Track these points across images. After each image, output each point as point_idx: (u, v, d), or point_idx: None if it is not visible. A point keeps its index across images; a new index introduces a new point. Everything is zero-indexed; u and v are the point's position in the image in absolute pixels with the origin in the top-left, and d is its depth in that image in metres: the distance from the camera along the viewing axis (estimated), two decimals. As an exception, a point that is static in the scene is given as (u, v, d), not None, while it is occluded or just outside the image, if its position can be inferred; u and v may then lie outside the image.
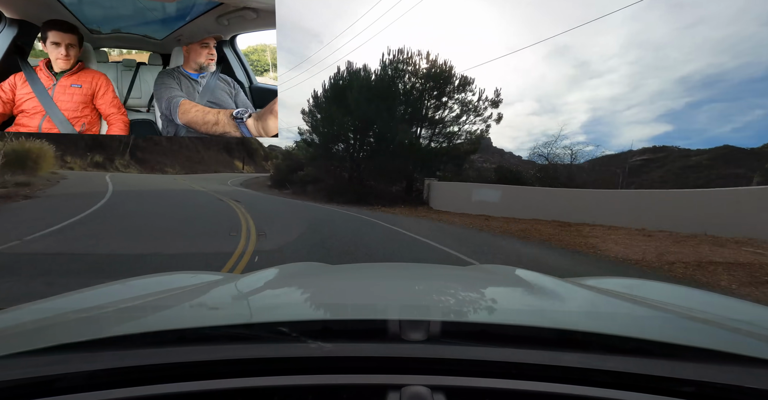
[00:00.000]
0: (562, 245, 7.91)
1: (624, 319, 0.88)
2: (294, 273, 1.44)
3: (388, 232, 8.54)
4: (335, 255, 5.50)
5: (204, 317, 0.84)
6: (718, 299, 1.23)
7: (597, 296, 1.13)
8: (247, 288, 1.16)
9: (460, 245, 7.38)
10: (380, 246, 6.60)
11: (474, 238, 8.61)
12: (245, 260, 4.90)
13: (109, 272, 4.03)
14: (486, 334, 0.67)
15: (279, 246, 6.06)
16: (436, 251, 6.53)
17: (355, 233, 7.97)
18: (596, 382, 0.57)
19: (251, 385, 0.55)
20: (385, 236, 7.85)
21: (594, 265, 6.19)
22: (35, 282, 3.61)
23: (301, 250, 5.72)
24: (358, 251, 5.94)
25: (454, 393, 0.55)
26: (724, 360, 0.60)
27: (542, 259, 6.41)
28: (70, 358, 0.58)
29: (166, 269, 3.49)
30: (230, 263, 4.76)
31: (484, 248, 7.19)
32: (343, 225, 9.27)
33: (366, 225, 9.58)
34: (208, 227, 7.98)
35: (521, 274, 1.67)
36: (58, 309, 0.98)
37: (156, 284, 1.33)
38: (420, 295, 1.14)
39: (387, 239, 7.44)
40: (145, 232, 6.70)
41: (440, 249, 6.72)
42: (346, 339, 0.63)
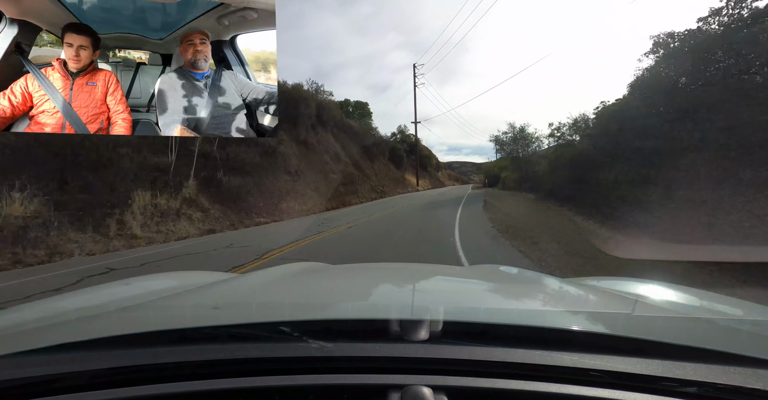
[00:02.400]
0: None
1: (624, 319, 0.88)
2: (294, 273, 1.44)
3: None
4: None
5: (204, 316, 0.84)
6: (718, 299, 1.23)
7: (597, 296, 1.13)
8: (247, 288, 1.16)
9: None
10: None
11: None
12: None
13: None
14: (487, 334, 0.67)
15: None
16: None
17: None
18: (596, 382, 0.57)
19: (252, 385, 0.55)
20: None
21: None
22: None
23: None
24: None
25: (455, 393, 0.55)
26: (724, 360, 0.60)
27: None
28: (71, 358, 0.58)
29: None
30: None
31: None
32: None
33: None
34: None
35: (522, 274, 1.67)
36: (59, 309, 0.98)
37: (156, 283, 1.33)
38: (421, 295, 1.14)
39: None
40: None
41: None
42: (347, 339, 0.63)
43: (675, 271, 4.81)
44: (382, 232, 8.61)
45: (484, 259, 5.58)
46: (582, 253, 6.08)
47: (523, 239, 7.21)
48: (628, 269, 4.99)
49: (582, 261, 5.57)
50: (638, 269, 4.87)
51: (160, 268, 5.28)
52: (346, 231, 8.83)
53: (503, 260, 5.51)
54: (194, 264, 5.54)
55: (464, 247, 6.42)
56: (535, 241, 6.99)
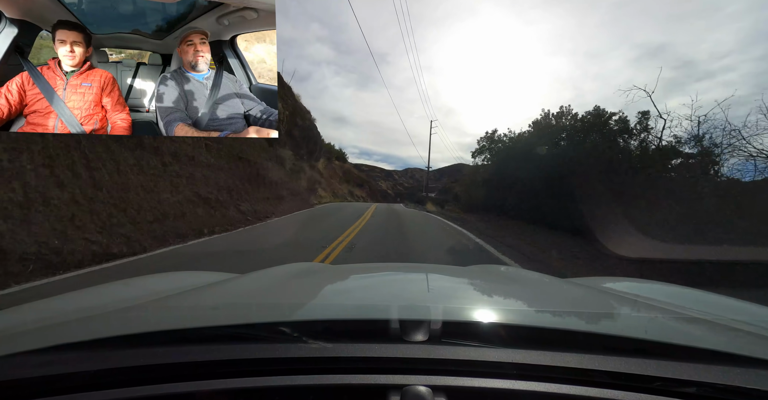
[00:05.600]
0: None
1: (624, 319, 0.88)
2: (294, 273, 1.44)
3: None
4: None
5: (204, 317, 0.84)
6: (718, 299, 1.23)
7: (597, 296, 1.13)
8: (247, 288, 1.16)
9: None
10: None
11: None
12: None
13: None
14: (487, 334, 0.67)
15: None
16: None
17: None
18: (596, 382, 0.57)
19: (252, 385, 0.55)
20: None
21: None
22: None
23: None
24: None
25: (455, 393, 0.55)
26: (724, 361, 0.60)
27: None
28: (71, 358, 0.58)
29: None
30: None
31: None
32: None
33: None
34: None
35: (522, 274, 1.67)
36: (59, 309, 0.98)
37: (156, 283, 1.33)
38: (421, 295, 1.14)
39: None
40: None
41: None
42: (347, 339, 0.63)
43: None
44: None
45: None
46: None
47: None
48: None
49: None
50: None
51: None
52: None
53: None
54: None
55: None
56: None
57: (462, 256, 6.23)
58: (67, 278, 4.20)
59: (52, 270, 4.38)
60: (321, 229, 8.95)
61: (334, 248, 6.32)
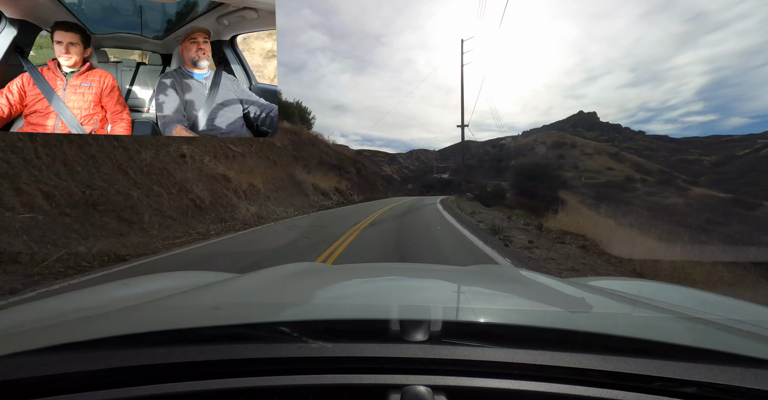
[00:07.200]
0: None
1: (624, 319, 0.88)
2: (294, 273, 1.44)
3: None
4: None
5: (204, 317, 0.83)
6: (718, 299, 1.23)
7: (597, 296, 1.13)
8: (247, 288, 1.16)
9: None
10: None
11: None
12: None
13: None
14: (487, 334, 0.67)
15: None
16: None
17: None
18: (596, 382, 0.57)
19: (252, 385, 0.55)
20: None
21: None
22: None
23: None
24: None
25: (455, 393, 0.55)
26: (724, 361, 0.60)
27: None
28: (71, 358, 0.57)
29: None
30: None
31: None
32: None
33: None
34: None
35: (522, 274, 1.67)
36: (59, 309, 0.98)
37: (155, 284, 1.33)
38: (421, 295, 1.14)
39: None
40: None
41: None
42: (347, 339, 0.63)
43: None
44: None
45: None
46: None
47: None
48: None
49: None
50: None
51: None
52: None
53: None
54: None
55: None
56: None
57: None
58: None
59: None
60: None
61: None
